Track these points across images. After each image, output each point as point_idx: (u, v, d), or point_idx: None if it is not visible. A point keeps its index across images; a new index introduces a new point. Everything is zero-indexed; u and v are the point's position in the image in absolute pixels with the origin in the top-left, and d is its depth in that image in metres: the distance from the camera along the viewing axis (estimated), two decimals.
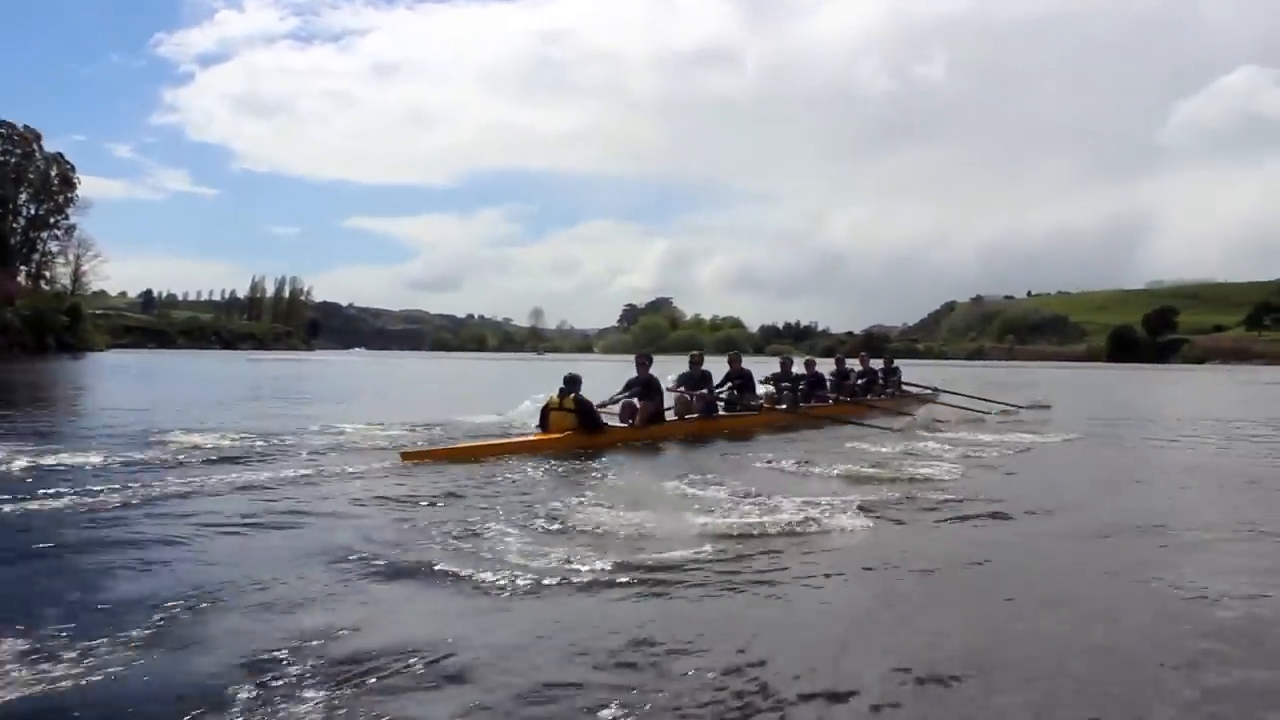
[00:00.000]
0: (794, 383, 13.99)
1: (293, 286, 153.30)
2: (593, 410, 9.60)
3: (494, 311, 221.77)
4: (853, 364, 16.59)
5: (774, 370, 14.24)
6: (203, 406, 15.70)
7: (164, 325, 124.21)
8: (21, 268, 66.00)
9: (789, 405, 13.33)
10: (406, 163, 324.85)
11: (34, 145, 66.92)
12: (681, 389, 11.55)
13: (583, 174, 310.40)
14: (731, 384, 12.61)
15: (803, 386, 14.12)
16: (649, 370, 10.87)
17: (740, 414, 12.17)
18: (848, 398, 14.80)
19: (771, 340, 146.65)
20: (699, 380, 11.85)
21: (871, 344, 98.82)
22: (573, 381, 9.67)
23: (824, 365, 15.39)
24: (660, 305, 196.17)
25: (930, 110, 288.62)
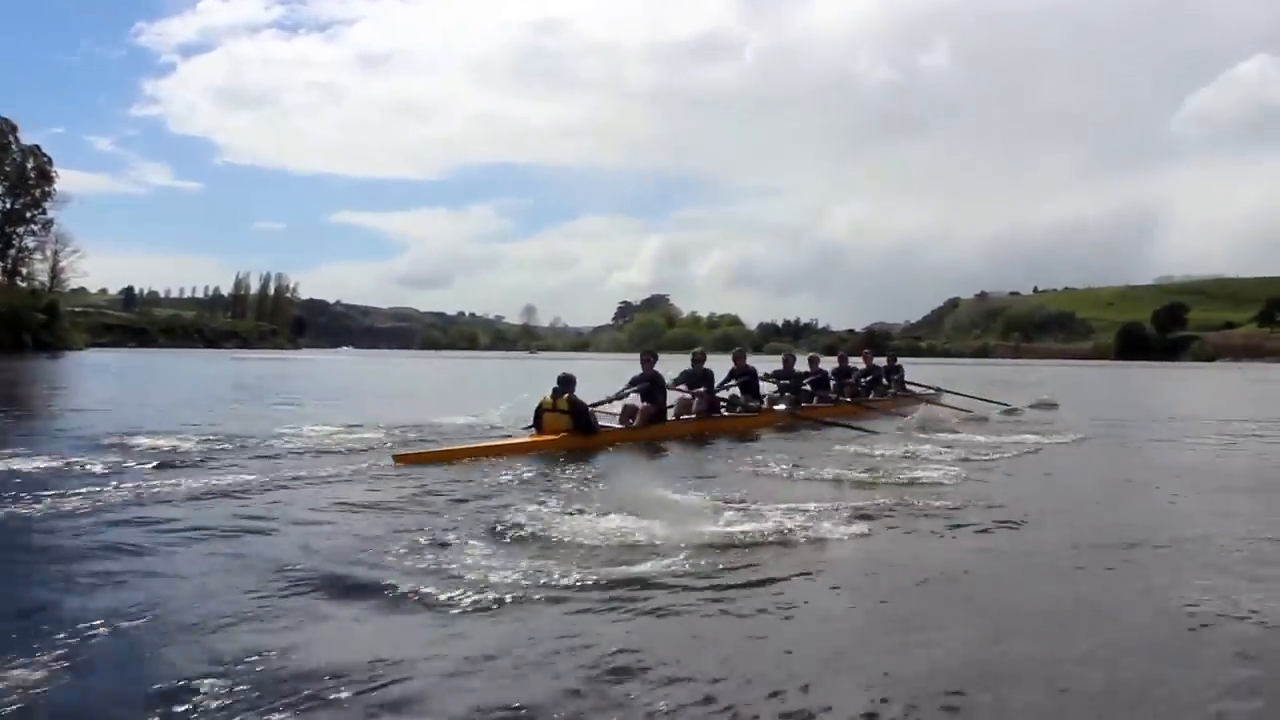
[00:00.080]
0: (796, 381, 13.95)
1: (278, 283, 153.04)
2: (587, 412, 9.59)
3: (485, 309, 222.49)
4: (856, 362, 16.60)
5: (776, 368, 14.17)
6: (176, 408, 15.50)
7: (145, 323, 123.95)
8: None
9: (790, 405, 13.31)
10: (395, 156, 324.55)
11: (9, 137, 66.53)
12: (682, 388, 11.59)
13: (577, 168, 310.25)
14: (735, 382, 12.64)
15: (806, 386, 14.10)
16: (654, 367, 10.96)
17: (740, 414, 12.16)
18: (849, 398, 14.76)
19: (770, 338, 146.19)
20: (700, 379, 11.86)
21: (873, 342, 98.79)
22: (566, 382, 9.66)
23: (826, 363, 15.33)
24: (656, 302, 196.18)
25: (932, 101, 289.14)
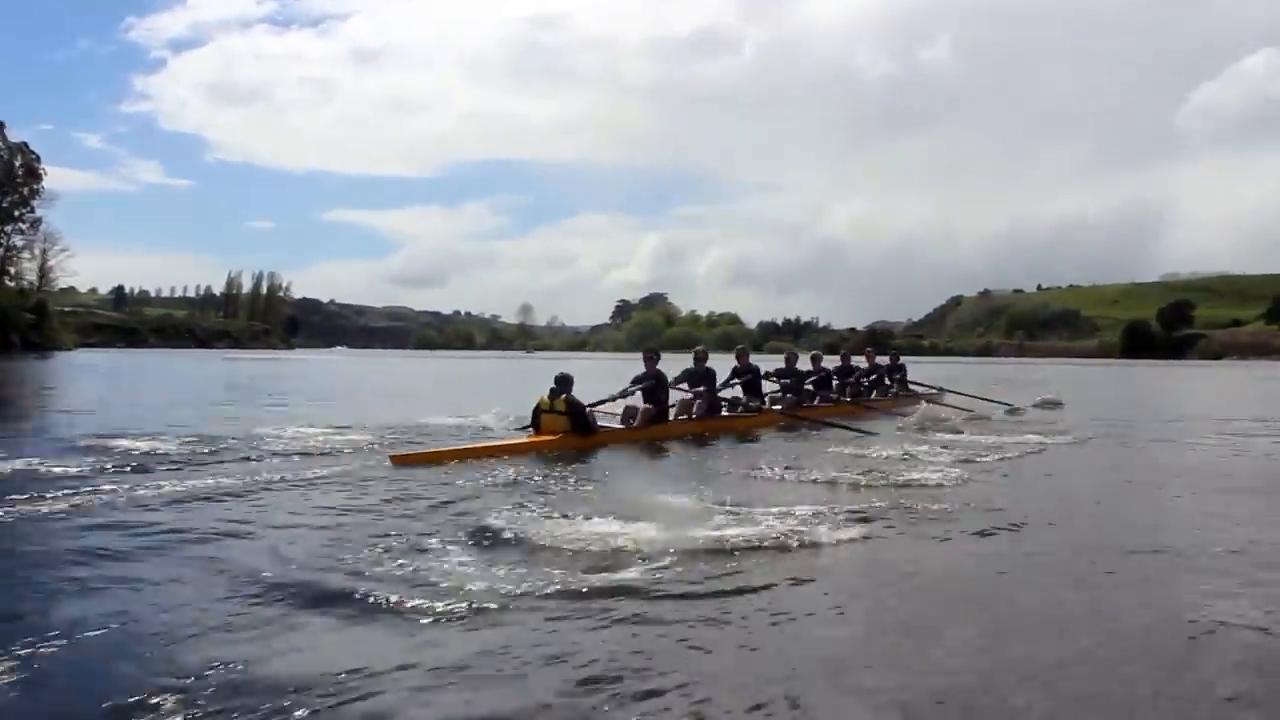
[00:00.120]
0: (799, 381, 13.90)
1: (270, 282, 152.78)
2: (585, 412, 9.57)
3: (481, 308, 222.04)
4: (858, 361, 16.53)
5: (779, 366, 14.12)
6: (162, 409, 15.37)
7: (136, 323, 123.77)
8: None
9: (791, 405, 13.28)
10: (389, 153, 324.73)
11: None
12: (684, 386, 11.59)
13: (574, 164, 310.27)
14: (737, 382, 12.62)
15: (808, 386, 14.05)
16: (657, 365, 10.98)
17: (740, 415, 12.12)
18: (849, 398, 14.73)
19: (770, 337, 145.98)
20: (702, 378, 11.84)
21: (875, 340, 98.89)
22: (564, 382, 9.63)
23: (829, 362, 15.26)
24: (654, 301, 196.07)
25: (934, 95, 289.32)
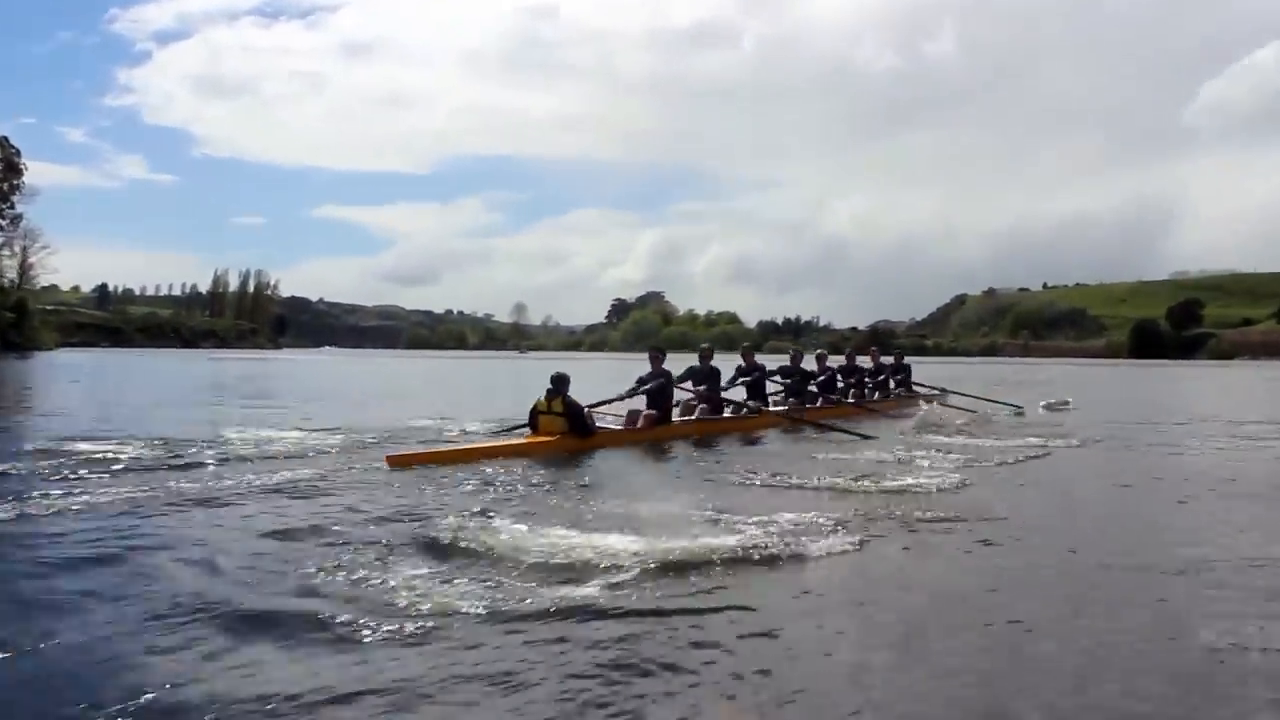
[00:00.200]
0: (803, 381, 13.96)
1: (258, 280, 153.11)
2: (583, 413, 9.55)
3: (474, 307, 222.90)
4: (863, 361, 16.75)
5: (784, 364, 14.14)
6: (136, 411, 15.18)
7: (119, 322, 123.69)
8: None
9: (793, 406, 13.37)
10: (380, 148, 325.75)
11: None
12: (688, 384, 11.68)
13: (570, 160, 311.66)
14: (741, 381, 12.67)
15: (812, 387, 14.17)
16: (663, 364, 11.05)
17: (741, 416, 12.14)
18: (851, 399, 14.89)
19: (770, 337, 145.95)
20: (706, 377, 11.84)
21: (878, 340, 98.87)
22: (560, 382, 9.58)
23: (834, 361, 15.28)
24: (651, 300, 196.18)
25: (938, 90, 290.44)
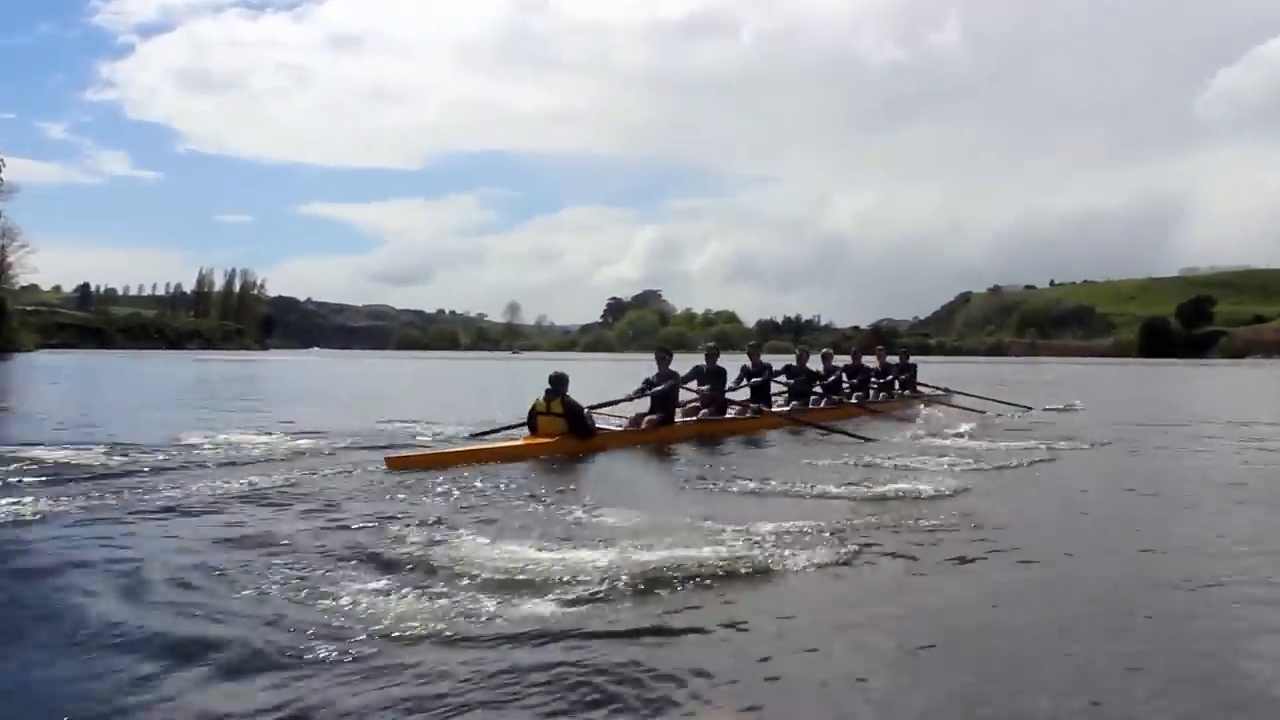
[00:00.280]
0: (808, 381, 13.97)
1: (244, 279, 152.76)
2: (583, 414, 9.54)
3: (466, 306, 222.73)
4: (869, 361, 16.72)
5: (790, 364, 14.13)
6: (108, 414, 14.75)
7: (101, 323, 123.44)
8: None
9: (796, 407, 13.35)
10: (370, 143, 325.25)
11: None
12: (693, 384, 11.73)
13: (565, 155, 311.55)
14: (747, 382, 12.70)
15: (817, 388, 14.16)
16: (669, 365, 11.10)
17: (742, 418, 12.18)
18: (855, 400, 14.91)
19: (770, 336, 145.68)
20: (712, 376, 11.88)
21: (880, 339, 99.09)
22: (559, 381, 9.57)
23: (840, 360, 15.34)
24: (648, 299, 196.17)
25: (942, 83, 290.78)
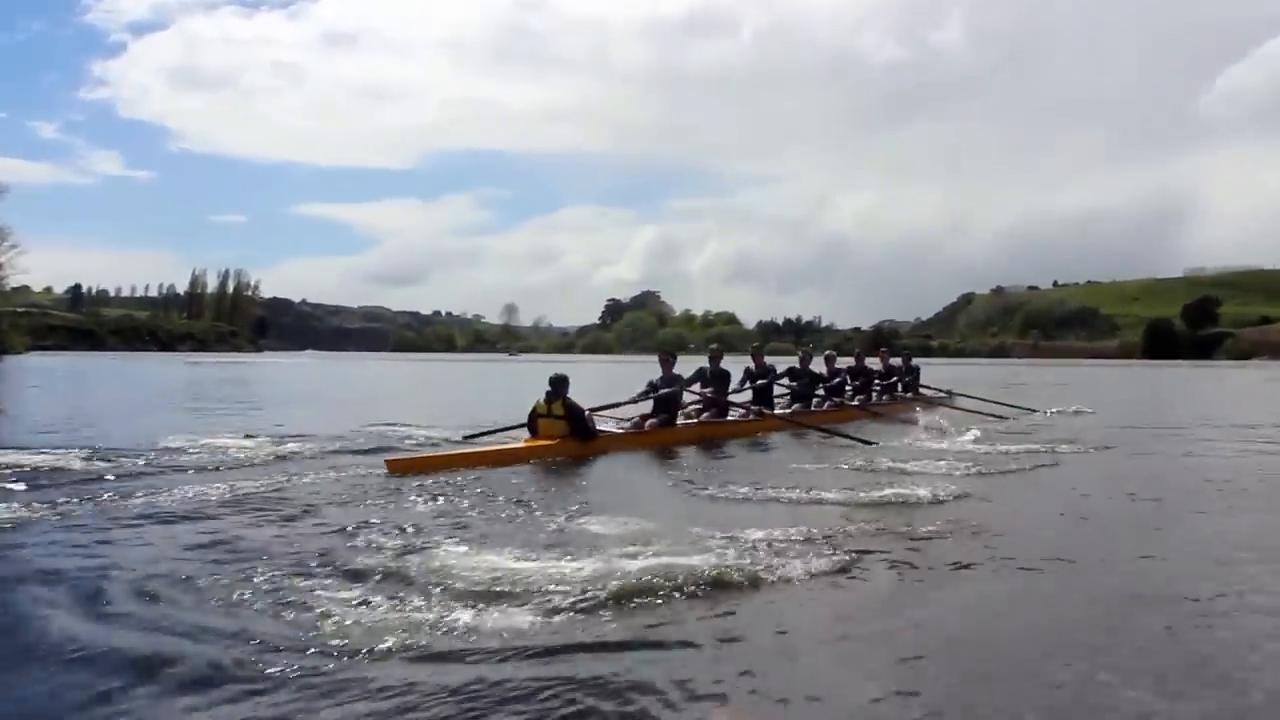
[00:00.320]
0: (812, 383, 14.00)
1: (238, 280, 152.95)
2: (584, 416, 9.57)
3: (463, 308, 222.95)
4: (872, 362, 16.79)
5: (793, 366, 14.16)
6: (92, 417, 14.73)
7: (93, 325, 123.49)
8: None
9: (800, 409, 13.40)
10: (364, 143, 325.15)
11: None
12: (695, 387, 11.80)
13: (562, 155, 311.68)
14: (750, 385, 12.76)
15: (820, 390, 14.18)
16: (673, 368, 11.18)
17: (746, 420, 12.22)
18: (858, 402, 14.94)
19: (770, 337, 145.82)
20: (716, 378, 11.95)
21: (881, 340, 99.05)
22: (559, 383, 9.59)
23: (843, 362, 15.37)
24: (646, 300, 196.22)
25: (944, 81, 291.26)
